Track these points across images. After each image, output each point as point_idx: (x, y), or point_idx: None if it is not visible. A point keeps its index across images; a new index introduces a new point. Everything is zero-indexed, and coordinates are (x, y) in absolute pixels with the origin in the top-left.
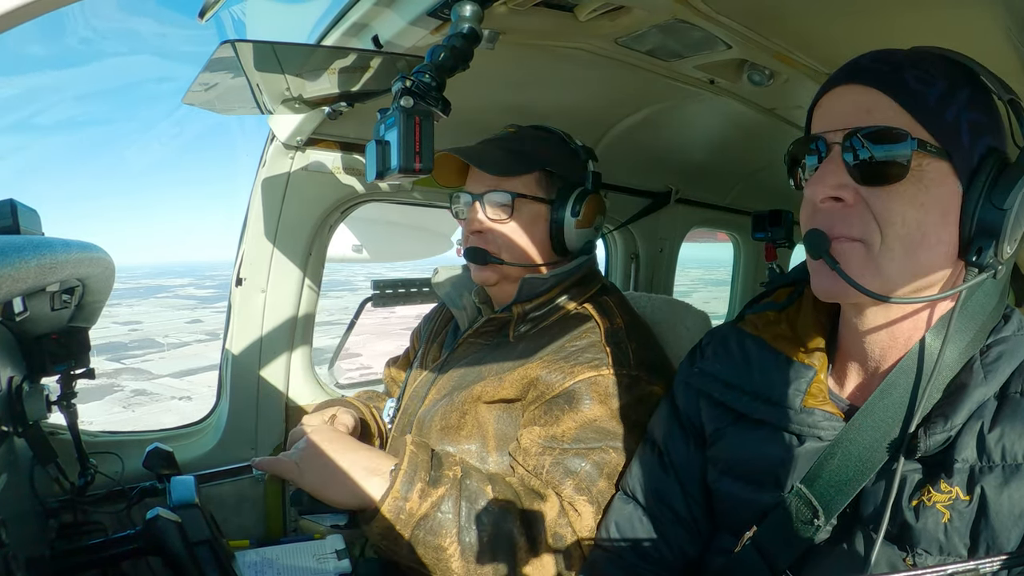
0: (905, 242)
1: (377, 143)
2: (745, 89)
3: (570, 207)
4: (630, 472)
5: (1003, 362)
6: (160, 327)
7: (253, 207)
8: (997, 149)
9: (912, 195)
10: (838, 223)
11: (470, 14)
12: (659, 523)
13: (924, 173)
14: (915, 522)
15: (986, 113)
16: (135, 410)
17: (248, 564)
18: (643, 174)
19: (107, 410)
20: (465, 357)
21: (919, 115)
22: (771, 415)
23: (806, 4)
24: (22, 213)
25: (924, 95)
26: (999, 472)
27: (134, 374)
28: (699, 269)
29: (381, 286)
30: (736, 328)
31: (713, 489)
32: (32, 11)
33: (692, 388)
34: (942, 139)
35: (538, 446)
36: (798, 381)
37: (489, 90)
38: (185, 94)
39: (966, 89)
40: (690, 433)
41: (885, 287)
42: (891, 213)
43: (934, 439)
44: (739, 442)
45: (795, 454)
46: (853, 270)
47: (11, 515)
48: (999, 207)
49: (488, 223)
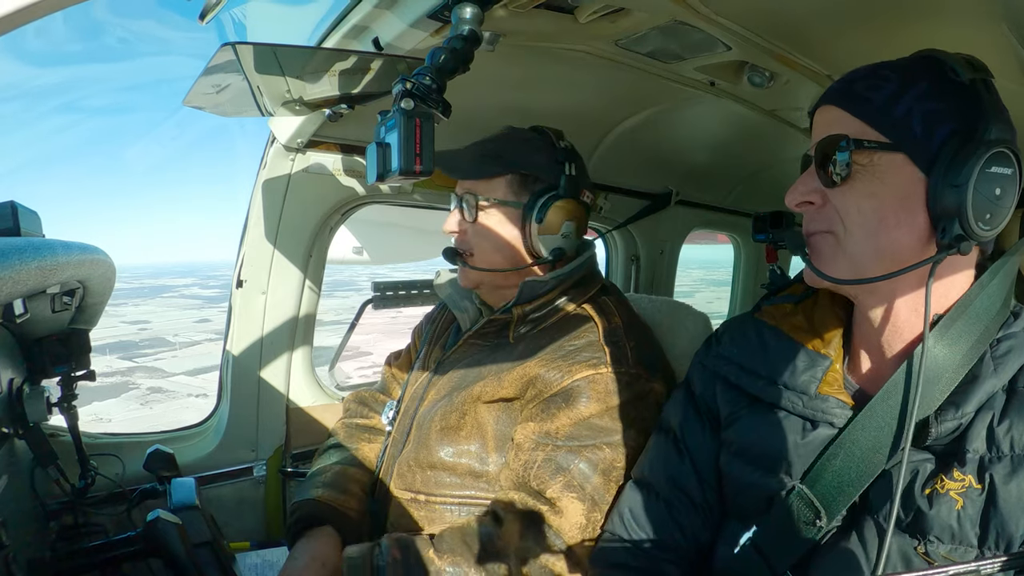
0: (864, 228)
1: (378, 145)
2: (745, 91)
3: (535, 213)
4: (643, 460)
5: (1012, 356)
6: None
7: (254, 209)
8: (960, 131)
9: (864, 188)
10: (811, 222)
11: (470, 16)
12: (673, 509)
13: (876, 167)
14: (928, 509)
15: (945, 100)
16: (153, 407)
17: (249, 566)
18: (643, 175)
19: (125, 407)
20: (465, 358)
21: (866, 118)
22: (786, 400)
23: (806, 5)
24: (22, 215)
25: (870, 100)
26: (1008, 462)
27: (148, 372)
28: (700, 270)
29: (382, 288)
30: (753, 318)
31: (724, 472)
32: (34, 12)
33: (709, 371)
34: (891, 134)
35: (531, 441)
36: (814, 369)
37: (490, 92)
38: (186, 96)
39: (923, 82)
40: (706, 418)
41: (854, 270)
42: (848, 205)
43: (945, 426)
44: (753, 425)
45: (807, 439)
46: (825, 256)
47: (11, 517)
48: (954, 184)
49: (463, 224)
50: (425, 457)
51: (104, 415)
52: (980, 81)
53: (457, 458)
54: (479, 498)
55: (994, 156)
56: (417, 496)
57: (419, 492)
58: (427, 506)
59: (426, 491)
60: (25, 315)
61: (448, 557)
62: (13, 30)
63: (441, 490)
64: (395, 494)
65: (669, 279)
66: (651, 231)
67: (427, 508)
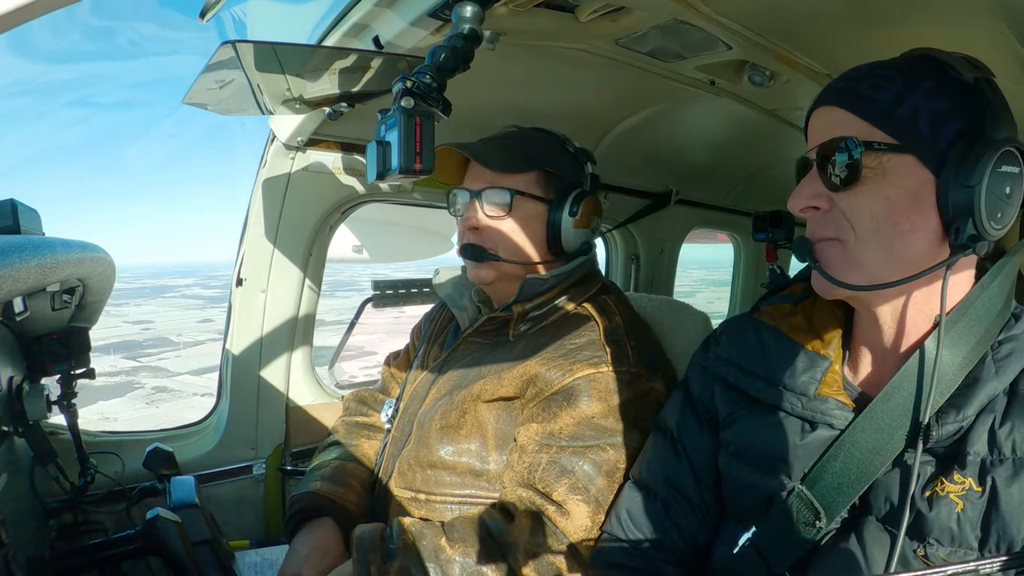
0: (878, 235)
1: (378, 144)
2: (746, 90)
3: (568, 207)
4: (641, 460)
5: (1013, 358)
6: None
7: (253, 207)
8: (968, 132)
9: (875, 191)
10: (817, 228)
11: (471, 15)
12: (671, 509)
13: (886, 169)
14: (928, 511)
15: (950, 100)
16: (159, 406)
17: (248, 564)
18: (643, 175)
19: (131, 407)
20: (465, 356)
21: (872, 119)
22: (785, 401)
23: (807, 5)
24: (22, 213)
25: (875, 100)
26: (1009, 465)
27: (153, 372)
28: (701, 270)
29: (381, 287)
30: (752, 318)
31: (723, 473)
32: (33, 11)
33: (707, 372)
34: (899, 135)
35: (535, 443)
36: (813, 370)
37: (490, 91)
38: (186, 94)
39: (928, 82)
40: (703, 418)
41: (868, 277)
42: (858, 211)
43: (946, 428)
44: (751, 426)
45: (806, 441)
46: (835, 265)
47: (11, 515)
48: (966, 185)
49: (485, 220)
50: (425, 456)
51: (110, 414)
52: (983, 80)
53: (457, 457)
54: (479, 497)
55: (1004, 155)
56: (417, 495)
57: (419, 491)
58: (427, 505)
59: (426, 490)
60: (25, 313)
61: (460, 547)
62: (12, 28)
63: (441, 489)
64: (395, 493)
65: (669, 278)
66: (651, 230)
67: (427, 507)
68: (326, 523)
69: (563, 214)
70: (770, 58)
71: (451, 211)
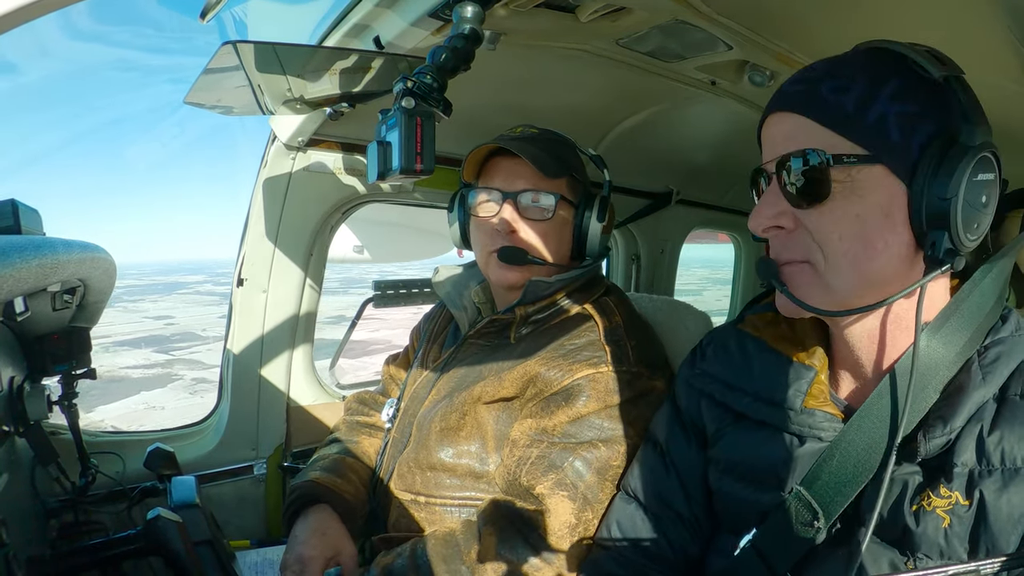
0: (848, 257)
1: (379, 144)
2: (746, 90)
3: (596, 212)
4: (631, 472)
5: (1001, 363)
6: (194, 321)
7: (254, 207)
8: (940, 135)
9: (844, 209)
10: (783, 249)
11: (471, 15)
12: (661, 523)
13: (856, 183)
14: (915, 527)
15: (919, 101)
16: (203, 396)
17: (249, 564)
18: (644, 175)
19: (175, 396)
20: (466, 358)
21: (837, 128)
22: (772, 416)
23: (807, 5)
24: (23, 213)
25: (840, 105)
26: (998, 476)
27: (188, 364)
28: (705, 269)
29: (382, 287)
30: (736, 329)
31: (714, 489)
32: (33, 11)
33: (694, 389)
34: (867, 144)
35: (527, 438)
36: (799, 382)
37: (490, 91)
38: (187, 94)
39: (892, 80)
40: (691, 433)
41: (837, 302)
42: (827, 231)
43: (934, 443)
44: (740, 442)
45: (796, 455)
46: (802, 290)
47: (12, 515)
48: (942, 197)
49: (524, 223)
50: (425, 458)
51: (157, 403)
52: (953, 78)
53: (457, 459)
54: (479, 499)
55: (979, 162)
56: (417, 498)
57: (419, 493)
58: (427, 507)
59: (426, 492)
60: (26, 313)
61: (443, 551)
62: (12, 28)
63: (441, 491)
64: (395, 495)
65: (670, 278)
66: (652, 230)
67: (427, 509)
68: (324, 509)
69: (592, 219)
70: (770, 58)
71: (467, 208)
